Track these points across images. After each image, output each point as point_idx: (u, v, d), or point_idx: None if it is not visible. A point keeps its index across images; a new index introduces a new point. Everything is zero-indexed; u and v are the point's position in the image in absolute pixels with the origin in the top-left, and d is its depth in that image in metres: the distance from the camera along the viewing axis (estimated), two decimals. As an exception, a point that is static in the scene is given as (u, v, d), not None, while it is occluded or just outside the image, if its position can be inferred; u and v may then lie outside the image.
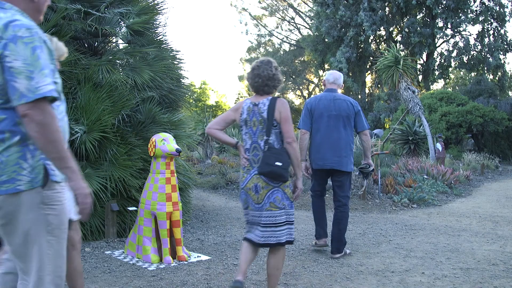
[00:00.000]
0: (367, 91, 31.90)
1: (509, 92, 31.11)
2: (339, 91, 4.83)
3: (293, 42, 41.53)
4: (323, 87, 4.97)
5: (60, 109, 1.91)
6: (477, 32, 27.14)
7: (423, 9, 26.65)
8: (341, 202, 4.65)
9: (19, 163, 1.79)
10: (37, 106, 1.71)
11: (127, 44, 6.22)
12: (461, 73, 37.77)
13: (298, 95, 43.69)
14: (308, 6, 38.47)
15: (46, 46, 1.82)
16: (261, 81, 3.24)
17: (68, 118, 5.03)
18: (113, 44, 6.67)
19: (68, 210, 1.99)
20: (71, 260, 2.66)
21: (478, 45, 26.95)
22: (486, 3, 25.79)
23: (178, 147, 4.43)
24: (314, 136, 4.62)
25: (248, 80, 3.34)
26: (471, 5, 25.51)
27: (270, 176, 3.12)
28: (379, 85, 28.14)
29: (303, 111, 4.71)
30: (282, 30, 42.24)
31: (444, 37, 26.65)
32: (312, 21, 33.38)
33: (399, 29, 28.37)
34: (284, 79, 3.51)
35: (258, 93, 3.29)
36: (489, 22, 26.44)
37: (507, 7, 26.16)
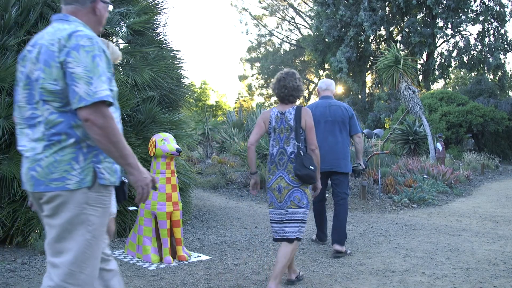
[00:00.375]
0: (367, 91, 31.89)
1: (509, 92, 31.10)
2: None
3: (293, 42, 41.52)
4: (317, 94, 5.27)
5: (114, 115, 2.01)
6: (477, 32, 27.14)
7: (423, 9, 26.64)
8: (340, 197, 4.89)
9: (71, 164, 1.91)
10: (97, 110, 1.83)
11: (127, 44, 6.22)
12: (461, 73, 37.76)
13: (298, 95, 43.65)
14: (308, 6, 38.47)
15: (105, 56, 1.96)
16: (287, 91, 3.59)
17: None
18: (113, 44, 6.67)
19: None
20: None
21: (478, 45, 26.94)
22: (486, 3, 25.78)
23: (178, 147, 4.43)
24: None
25: (274, 90, 3.68)
26: (471, 5, 25.49)
27: (305, 178, 3.43)
28: (379, 85, 28.13)
29: None
30: (282, 30, 42.29)
31: (444, 37, 26.64)
32: (312, 21, 33.38)
33: (399, 29, 28.36)
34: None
35: (283, 102, 3.64)
36: (489, 22, 26.43)
37: (507, 7, 26.16)
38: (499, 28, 26.45)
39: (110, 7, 1.89)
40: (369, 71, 30.61)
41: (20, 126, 2.03)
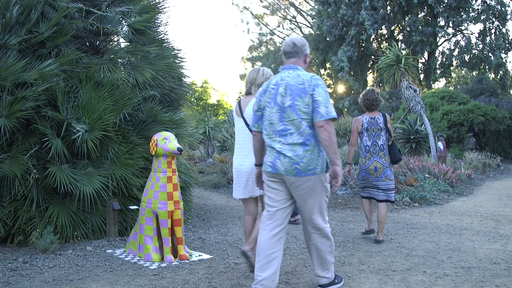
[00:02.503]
0: (368, 90, 31.86)
1: (511, 91, 31.05)
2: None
3: (294, 41, 41.43)
4: None
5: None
6: (479, 31, 27.09)
7: (424, 8, 26.62)
8: None
9: (317, 159, 3.18)
10: (328, 122, 3.10)
11: (128, 43, 6.22)
12: (463, 72, 37.73)
13: (300, 94, 43.60)
14: (310, 5, 38.44)
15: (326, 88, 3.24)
16: (369, 102, 5.31)
17: (70, 117, 5.06)
18: (115, 43, 6.67)
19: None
20: (254, 223, 4.09)
21: (480, 44, 26.90)
22: (488, 2, 25.75)
23: (179, 145, 4.43)
24: None
25: (361, 102, 5.42)
26: (472, 4, 25.46)
27: (399, 161, 5.31)
28: (380, 84, 28.07)
29: None
30: (283, 29, 42.21)
31: (446, 36, 26.63)
32: (314, 20, 33.36)
33: (401, 28, 28.32)
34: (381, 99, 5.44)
35: (369, 110, 5.33)
36: (491, 21, 26.41)
37: (508, 6, 26.14)
38: (501, 27, 26.43)
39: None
40: (370, 70, 30.59)
41: (270, 136, 3.27)
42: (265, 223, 3.31)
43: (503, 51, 26.19)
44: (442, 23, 25.80)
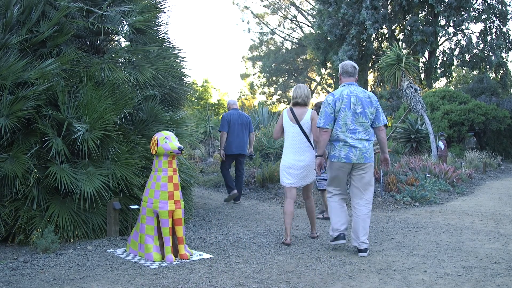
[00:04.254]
0: (369, 89, 31.85)
1: (511, 90, 31.00)
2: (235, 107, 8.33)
3: (295, 40, 41.48)
4: (228, 108, 8.37)
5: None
6: (480, 30, 27.03)
7: (425, 8, 26.56)
8: (240, 172, 8.31)
9: (371, 152, 4.65)
10: (383, 126, 4.58)
11: (129, 43, 6.22)
12: (463, 71, 37.69)
13: (300, 94, 43.50)
14: (310, 4, 38.43)
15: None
16: None
17: (70, 116, 5.06)
18: (115, 43, 6.67)
19: None
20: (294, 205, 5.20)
21: (481, 43, 26.83)
22: (489, 1, 25.70)
23: (180, 145, 4.43)
24: (231, 135, 7.91)
25: None
26: (473, 3, 25.39)
27: None
28: (381, 83, 28.09)
29: (222, 122, 7.95)
30: (284, 28, 42.20)
31: (446, 35, 26.56)
32: (314, 19, 33.34)
33: (401, 27, 28.28)
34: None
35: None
36: (492, 20, 26.34)
37: (509, 5, 26.07)
38: (501, 27, 26.36)
39: None
40: (371, 70, 30.56)
41: (344, 133, 4.51)
42: (333, 199, 4.78)
43: (503, 51, 26.10)
44: (442, 22, 25.76)
